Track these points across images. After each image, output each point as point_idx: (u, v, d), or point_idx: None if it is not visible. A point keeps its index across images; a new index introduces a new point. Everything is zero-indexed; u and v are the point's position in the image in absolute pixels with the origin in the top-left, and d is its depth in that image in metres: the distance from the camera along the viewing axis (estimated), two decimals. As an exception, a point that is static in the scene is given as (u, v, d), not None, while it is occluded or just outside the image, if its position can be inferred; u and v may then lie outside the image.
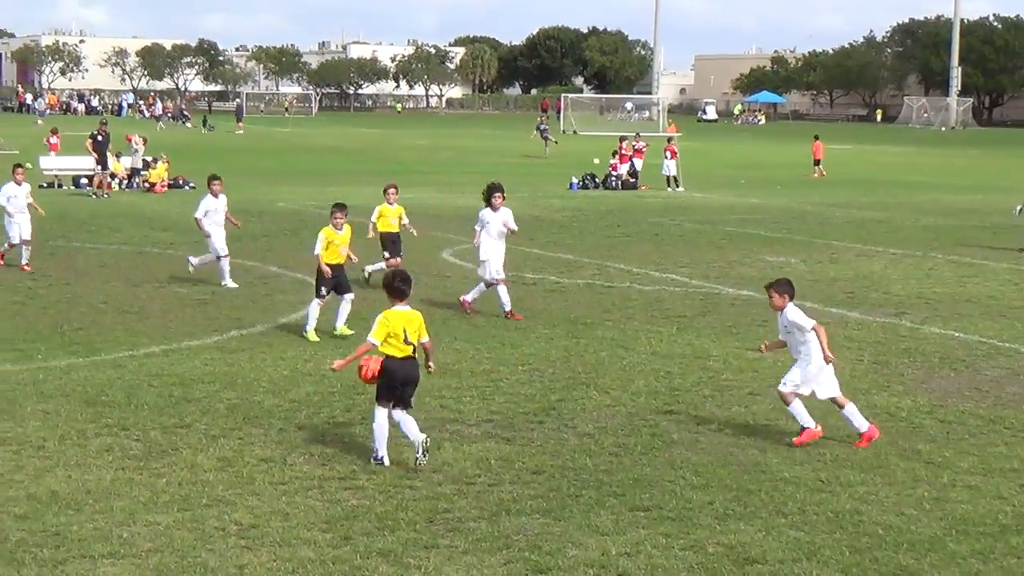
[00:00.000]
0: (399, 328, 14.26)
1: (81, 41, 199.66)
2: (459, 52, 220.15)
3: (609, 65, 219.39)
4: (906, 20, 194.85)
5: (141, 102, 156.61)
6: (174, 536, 11.89)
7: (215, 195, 26.67)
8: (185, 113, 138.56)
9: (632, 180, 57.45)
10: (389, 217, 26.25)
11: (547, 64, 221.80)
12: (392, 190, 26.61)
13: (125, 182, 51.01)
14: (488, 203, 23.51)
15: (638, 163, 58.92)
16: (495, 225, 23.37)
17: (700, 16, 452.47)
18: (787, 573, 11.37)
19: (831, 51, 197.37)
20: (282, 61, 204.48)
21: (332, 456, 14.62)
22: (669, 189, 55.87)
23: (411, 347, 14.40)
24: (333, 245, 21.80)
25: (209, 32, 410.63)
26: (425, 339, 14.69)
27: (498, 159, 77.27)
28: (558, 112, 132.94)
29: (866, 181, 64.50)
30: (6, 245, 28.80)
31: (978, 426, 16.57)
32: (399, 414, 14.37)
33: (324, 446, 15.01)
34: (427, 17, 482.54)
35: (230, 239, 26.98)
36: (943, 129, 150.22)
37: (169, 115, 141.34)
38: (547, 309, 24.28)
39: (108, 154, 49.34)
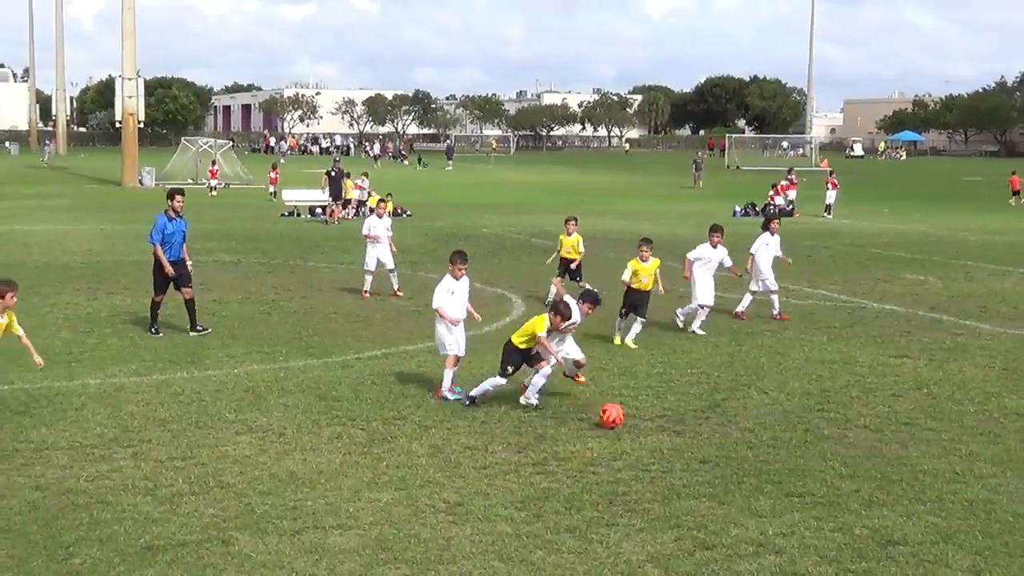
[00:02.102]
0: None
1: (317, 93, 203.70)
2: (637, 99, 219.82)
3: (768, 108, 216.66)
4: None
5: (366, 143, 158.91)
6: (392, 511, 12.01)
7: (380, 216, 27.31)
8: (403, 153, 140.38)
9: (788, 208, 56.67)
10: (567, 245, 26.15)
11: (713, 108, 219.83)
12: (572, 223, 26.44)
13: (353, 212, 51.84)
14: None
15: (792, 194, 58.15)
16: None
17: (848, 65, 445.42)
18: (925, 554, 11.07)
19: (966, 95, 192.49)
20: (485, 108, 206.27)
21: (526, 445, 14.64)
22: (824, 216, 54.99)
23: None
24: (637, 276, 21.67)
25: (421, 84, 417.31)
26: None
27: (675, 191, 76.86)
28: (722, 150, 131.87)
29: (997, 209, 62.79)
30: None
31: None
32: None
33: (520, 436, 15.04)
34: (607, 68, 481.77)
35: (439, 259, 27.21)
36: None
37: (389, 155, 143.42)
38: (712, 320, 24.02)
39: (341, 187, 50.47)
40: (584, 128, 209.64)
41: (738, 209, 56.27)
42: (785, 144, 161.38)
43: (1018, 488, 13.14)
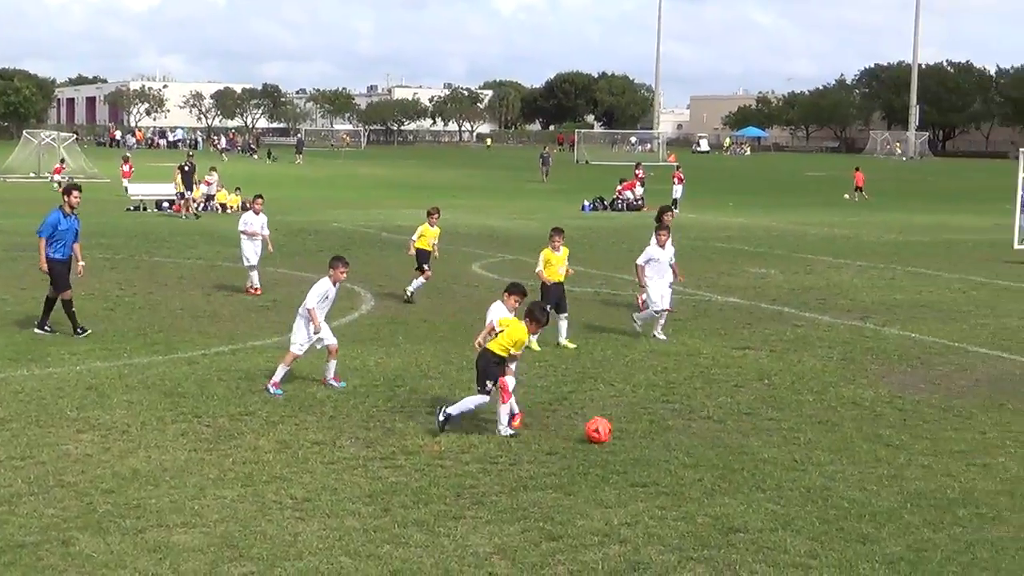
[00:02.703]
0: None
1: (164, 86, 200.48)
2: (488, 94, 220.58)
3: (616, 104, 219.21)
4: (872, 65, 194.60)
5: (214, 137, 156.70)
6: (238, 508, 11.88)
7: (256, 212, 26.90)
8: (252, 147, 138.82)
9: (637, 203, 57.38)
10: (429, 237, 26.07)
11: (563, 104, 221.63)
12: (436, 214, 26.40)
13: (201, 206, 51.08)
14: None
15: (639, 189, 58.88)
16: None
17: (694, 62, 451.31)
18: (765, 540, 11.31)
19: (807, 92, 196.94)
20: (336, 102, 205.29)
21: (375, 439, 14.59)
22: (672, 210, 55.82)
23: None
24: (550, 265, 21.20)
25: (271, 77, 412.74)
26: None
27: (520, 185, 77.23)
28: (572, 145, 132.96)
29: (836, 204, 64.35)
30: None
31: (931, 414, 16.47)
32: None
33: (368, 431, 14.99)
34: (458, 63, 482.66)
35: (289, 254, 26.97)
36: (904, 159, 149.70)
37: (238, 149, 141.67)
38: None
39: (192, 182, 49.98)
40: (435, 123, 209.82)
41: (587, 204, 56.79)
42: (633, 139, 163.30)
43: (854, 475, 13.48)
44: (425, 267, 25.74)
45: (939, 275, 32.13)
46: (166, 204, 51.07)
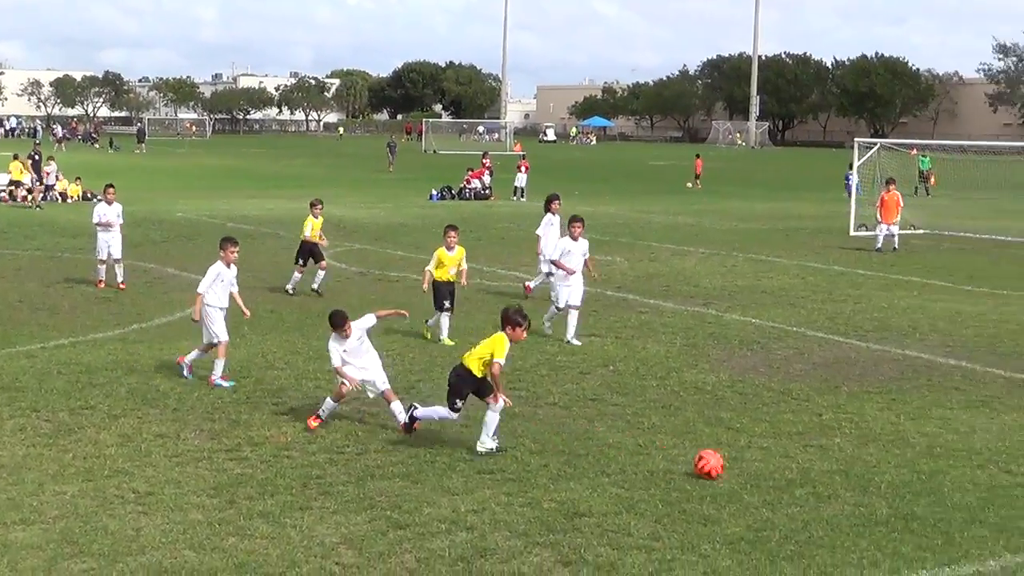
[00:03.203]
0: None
1: (1, 74, 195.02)
2: (335, 83, 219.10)
3: (464, 94, 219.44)
4: (714, 56, 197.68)
5: (53, 126, 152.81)
6: (78, 504, 11.63)
7: (109, 203, 26.20)
8: (94, 136, 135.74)
9: (485, 192, 57.52)
10: (317, 229, 25.39)
11: (411, 93, 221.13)
12: (320, 206, 25.84)
13: (41, 195, 49.83)
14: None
15: (487, 178, 59.00)
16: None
17: (541, 52, 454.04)
18: (609, 524, 11.45)
19: (652, 83, 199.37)
20: (179, 91, 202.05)
21: (220, 431, 14.41)
22: (514, 199, 56.09)
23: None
24: (442, 265, 20.65)
25: (112, 65, 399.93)
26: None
27: (370, 175, 76.81)
28: (420, 134, 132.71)
29: (679, 192, 65.27)
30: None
31: (770, 397, 16.84)
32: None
33: (213, 423, 14.79)
34: (305, 52, 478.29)
35: (132, 245, 26.46)
36: (744, 146, 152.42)
37: (78, 137, 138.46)
38: (409, 302, 24.10)
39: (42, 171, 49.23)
40: (281, 112, 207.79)
41: (435, 193, 56.71)
42: (481, 129, 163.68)
43: (695, 458, 13.69)
44: (304, 261, 25.14)
45: (778, 261, 32.81)
46: (3, 194, 49.74)
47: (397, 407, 14.78)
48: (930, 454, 14.07)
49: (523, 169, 57.98)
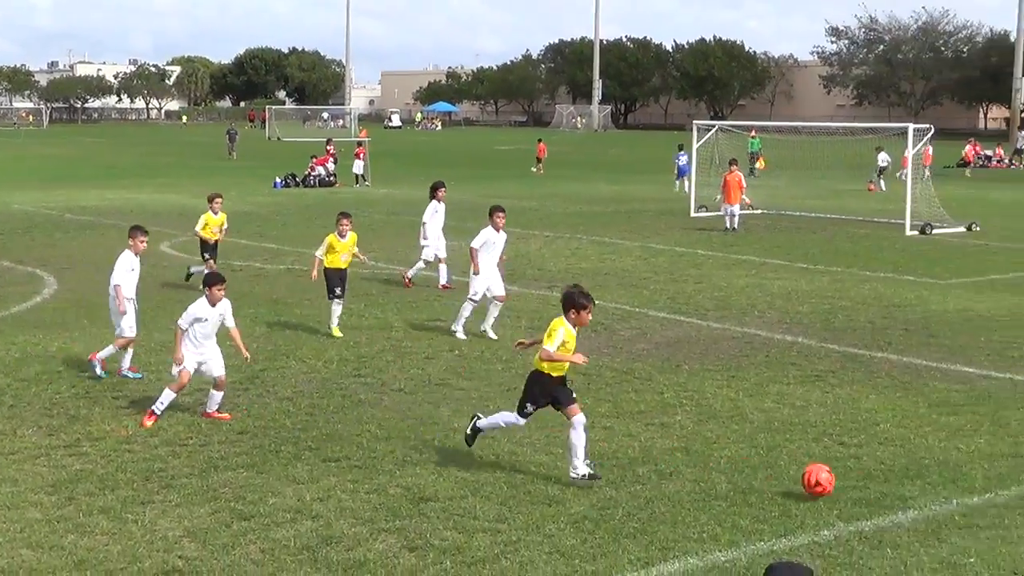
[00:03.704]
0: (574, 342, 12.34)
1: None
2: (175, 70, 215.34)
3: (308, 80, 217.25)
4: (556, 41, 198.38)
5: None
6: (-90, 506, 11.30)
7: None
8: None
9: (330, 179, 57.09)
10: (213, 225, 24.49)
11: (253, 80, 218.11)
12: (218, 200, 24.81)
13: None
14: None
15: (331, 165, 58.57)
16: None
17: (384, 37, 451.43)
18: (455, 508, 11.50)
19: (495, 67, 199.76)
20: (14, 79, 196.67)
21: (58, 427, 14.11)
22: (357, 186, 55.82)
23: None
24: (334, 251, 20.18)
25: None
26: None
27: (213, 163, 75.67)
28: (263, 122, 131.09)
29: (524, 176, 65.55)
30: None
31: (613, 377, 17.06)
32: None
33: (51, 419, 14.48)
34: (143, 39, 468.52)
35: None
36: (584, 130, 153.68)
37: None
38: (252, 292, 23.92)
39: None
40: (121, 100, 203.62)
41: (279, 180, 56.09)
42: (325, 115, 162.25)
43: (540, 440, 13.81)
44: (205, 255, 24.26)
45: (621, 243, 33.19)
46: None
47: (219, 397, 14.64)
48: (767, 429, 14.40)
49: (360, 156, 57.68)
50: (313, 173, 57.14)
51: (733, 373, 17.37)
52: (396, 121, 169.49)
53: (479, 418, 12.96)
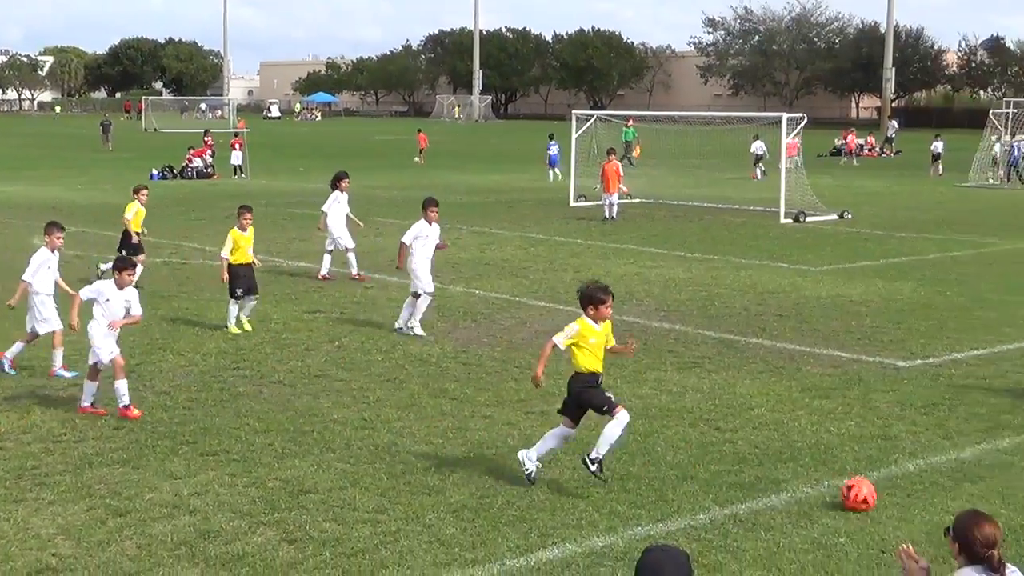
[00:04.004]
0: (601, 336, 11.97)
1: None
2: (48, 60, 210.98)
3: (185, 71, 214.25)
4: (436, 31, 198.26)
5: None
6: None
7: None
8: None
9: (208, 170, 56.42)
10: (140, 218, 24.00)
11: (129, 71, 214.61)
12: (144, 191, 24.30)
13: None
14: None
15: (209, 157, 57.92)
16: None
17: (263, 28, 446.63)
18: (335, 499, 11.47)
19: (375, 58, 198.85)
20: None
21: (-73, 426, 13.79)
22: (235, 177, 55.22)
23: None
24: (240, 247, 19.65)
25: None
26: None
27: (88, 155, 74.28)
28: (140, 113, 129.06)
29: (405, 167, 65.40)
30: None
31: (493, 366, 17.11)
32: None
33: (-81, 417, 14.14)
34: (14, 29, 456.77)
35: None
36: (463, 120, 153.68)
37: None
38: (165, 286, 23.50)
39: None
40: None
41: (155, 172, 55.30)
42: (203, 106, 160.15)
43: (421, 429, 13.83)
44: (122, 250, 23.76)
45: (501, 233, 33.28)
46: None
47: (123, 386, 14.35)
48: (645, 415, 14.55)
49: (237, 147, 57.10)
50: (191, 165, 56.47)
51: (611, 361, 17.47)
52: (275, 112, 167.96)
53: (526, 456, 11.93)
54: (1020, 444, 13.50)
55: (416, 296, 19.32)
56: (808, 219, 37.03)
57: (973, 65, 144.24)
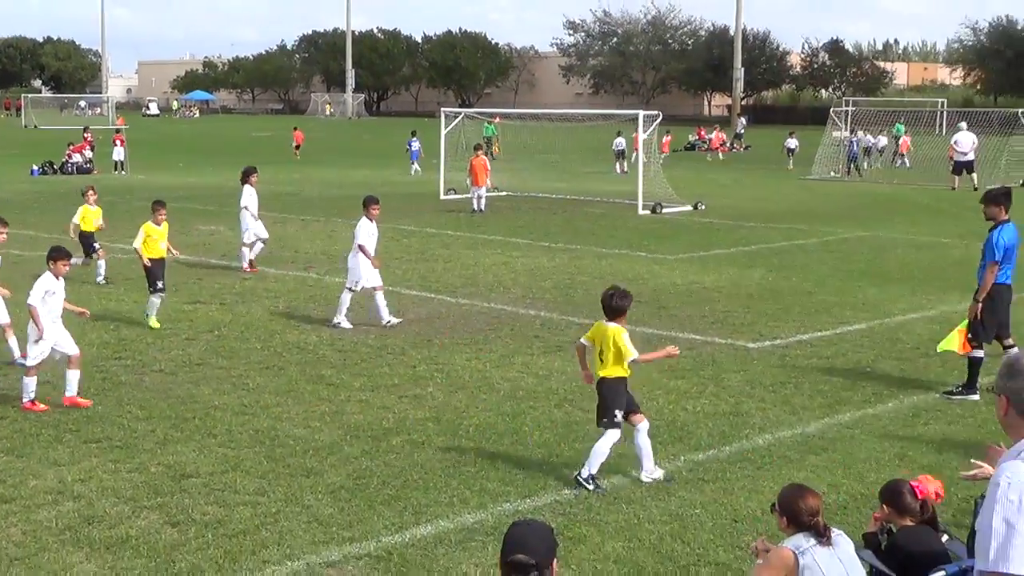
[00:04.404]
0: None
1: None
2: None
3: (64, 69, 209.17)
4: (310, 32, 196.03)
5: None
6: None
7: None
8: None
9: (88, 166, 55.27)
10: (92, 219, 23.32)
11: (8, 69, 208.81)
12: (91, 192, 23.73)
13: None
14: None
15: (88, 152, 56.75)
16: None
17: (141, 27, 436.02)
18: (216, 483, 11.35)
19: (251, 57, 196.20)
20: None
21: None
22: (116, 172, 54.16)
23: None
24: (151, 239, 19.16)
25: None
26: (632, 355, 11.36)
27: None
28: (19, 110, 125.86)
29: (282, 162, 64.77)
30: None
31: (368, 352, 17.05)
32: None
33: None
34: None
35: None
36: (335, 116, 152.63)
37: None
38: (10, 278, 22.92)
39: None
40: None
41: (36, 168, 54.01)
42: (83, 104, 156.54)
43: (299, 414, 13.74)
44: (95, 248, 23.24)
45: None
46: None
47: (76, 377, 14.14)
48: (513, 397, 14.63)
49: (119, 143, 56.04)
50: (71, 160, 55.29)
51: (481, 346, 17.58)
52: (154, 109, 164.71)
53: (582, 471, 11.38)
54: (860, 418, 13.86)
55: (351, 291, 19.02)
56: (664, 210, 37.46)
57: (815, 66, 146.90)
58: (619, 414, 11.33)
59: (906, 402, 14.60)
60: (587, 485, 11.25)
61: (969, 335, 15.00)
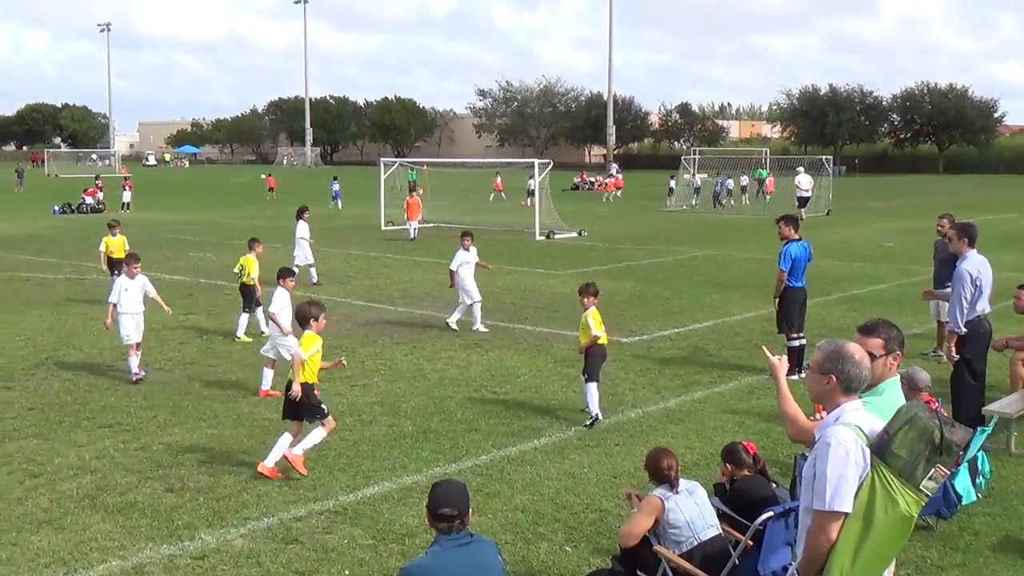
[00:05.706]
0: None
1: None
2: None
3: (79, 129, 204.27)
4: (276, 98, 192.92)
5: None
6: None
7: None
8: None
9: (99, 206, 54.10)
10: (112, 245, 22.25)
11: (34, 129, 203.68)
12: (116, 226, 22.66)
13: None
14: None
15: (100, 195, 55.56)
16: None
17: (140, 94, 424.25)
18: (206, 457, 11.15)
19: (230, 118, 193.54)
20: None
21: None
22: (122, 211, 53.09)
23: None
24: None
25: None
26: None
27: (2, 196, 70.31)
28: (43, 162, 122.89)
29: (258, 202, 64.01)
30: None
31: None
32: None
33: None
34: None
35: None
36: (299, 166, 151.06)
37: None
38: (37, 296, 22.44)
39: None
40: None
41: (57, 208, 52.76)
42: (94, 156, 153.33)
43: (272, 402, 13.46)
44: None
45: (329, 250, 32.73)
46: None
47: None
48: (441, 384, 14.55)
49: (127, 188, 55.05)
50: (85, 202, 54.10)
51: (415, 344, 17.48)
52: (152, 160, 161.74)
53: (590, 414, 12.37)
54: (708, 396, 13.99)
55: (469, 306, 18.84)
56: (556, 236, 37.59)
57: (669, 124, 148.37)
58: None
59: (743, 382, 14.78)
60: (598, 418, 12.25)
61: (777, 330, 15.32)
